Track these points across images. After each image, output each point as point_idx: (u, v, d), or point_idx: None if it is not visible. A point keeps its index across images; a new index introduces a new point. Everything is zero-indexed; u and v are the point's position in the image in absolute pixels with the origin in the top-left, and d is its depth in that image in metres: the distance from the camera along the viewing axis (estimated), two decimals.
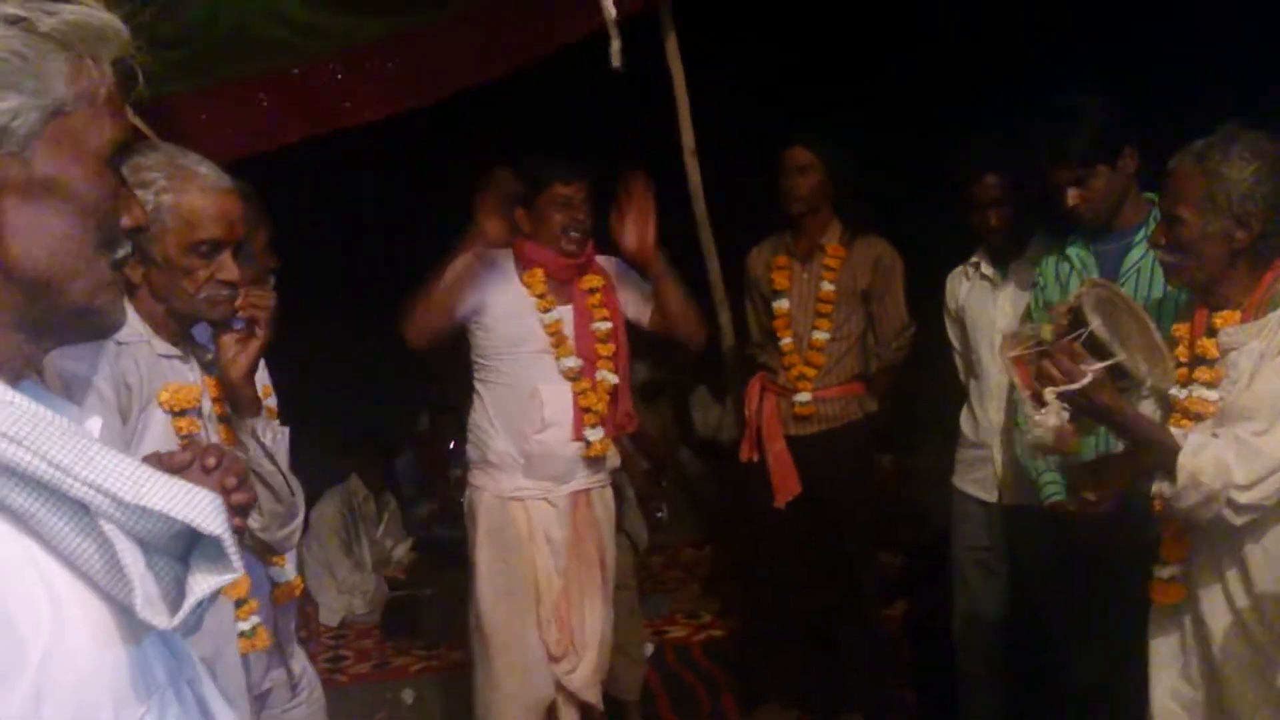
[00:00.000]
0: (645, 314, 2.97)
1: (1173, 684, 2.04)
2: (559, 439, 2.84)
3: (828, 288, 3.25)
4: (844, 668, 3.42)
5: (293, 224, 2.49)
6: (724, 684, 3.82)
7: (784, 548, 3.38)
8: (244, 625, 1.85)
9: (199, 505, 0.76)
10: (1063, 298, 2.62)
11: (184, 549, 0.79)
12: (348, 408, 5.05)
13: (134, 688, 0.80)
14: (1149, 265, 2.46)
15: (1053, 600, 2.83)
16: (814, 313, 3.27)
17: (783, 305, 3.31)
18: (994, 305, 2.94)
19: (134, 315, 1.75)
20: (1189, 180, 1.95)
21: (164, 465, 1.07)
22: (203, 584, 0.78)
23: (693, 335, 2.95)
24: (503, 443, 2.86)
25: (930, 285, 3.25)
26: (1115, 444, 2.30)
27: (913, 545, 4.27)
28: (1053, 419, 1.86)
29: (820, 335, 3.26)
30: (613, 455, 2.95)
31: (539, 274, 2.86)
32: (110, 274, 0.86)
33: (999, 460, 2.92)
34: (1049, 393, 1.87)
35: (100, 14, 0.83)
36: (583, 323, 2.88)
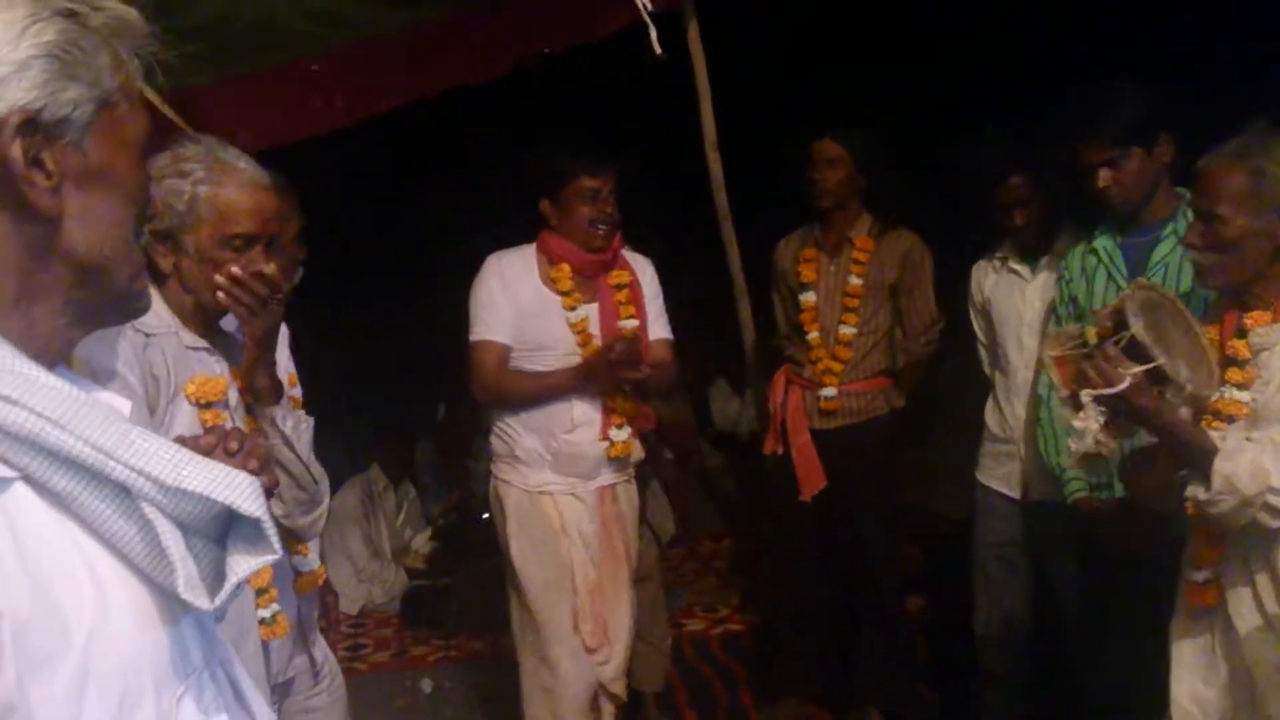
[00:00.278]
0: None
1: (1195, 687, 2.02)
2: (588, 438, 2.81)
3: (855, 282, 3.22)
4: (862, 662, 3.41)
5: (317, 214, 2.50)
6: (741, 678, 3.82)
7: (804, 541, 3.37)
8: (264, 613, 1.86)
9: (239, 487, 0.77)
10: (1088, 291, 2.61)
11: (220, 531, 0.80)
12: (370, 398, 5.07)
13: (173, 668, 0.81)
14: (1177, 260, 2.43)
15: (1075, 598, 2.81)
16: (841, 307, 3.25)
17: (810, 299, 3.28)
18: (1022, 300, 2.91)
19: (163, 307, 1.76)
20: (1229, 178, 1.91)
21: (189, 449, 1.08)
22: (242, 565, 0.79)
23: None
24: (530, 440, 2.83)
25: (950, 277, 3.24)
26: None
27: (931, 539, 4.25)
28: (1091, 423, 1.83)
29: (847, 330, 3.24)
30: (637, 449, 2.92)
31: (565, 269, 2.82)
32: (143, 260, 0.90)
33: (1024, 456, 2.90)
34: (1085, 395, 1.85)
35: (128, 9, 0.85)
36: (609, 321, 2.83)
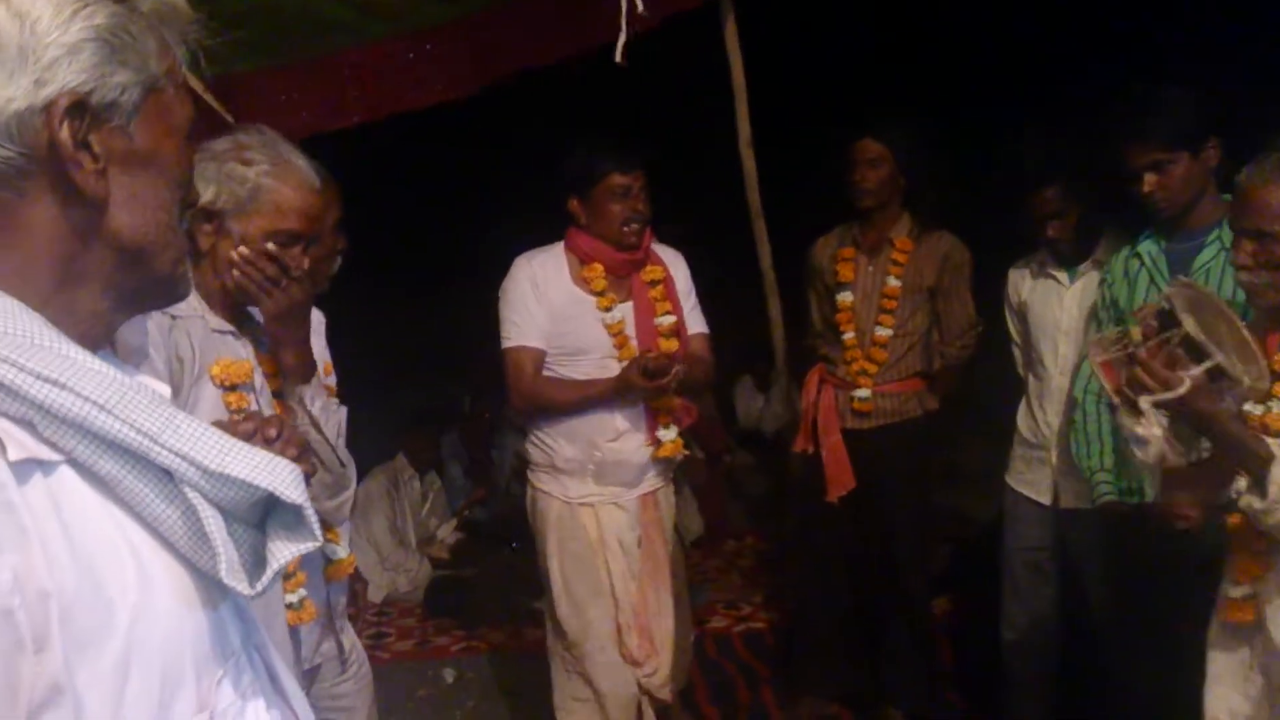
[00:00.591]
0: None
1: (1230, 700, 2.00)
2: (632, 446, 2.74)
3: (893, 283, 3.18)
4: (886, 663, 3.39)
5: (352, 203, 2.51)
6: (764, 676, 3.81)
7: (831, 541, 3.35)
8: (291, 598, 1.87)
9: (281, 474, 0.78)
10: (1130, 296, 2.57)
11: (259, 517, 0.80)
12: (398, 388, 5.09)
13: (213, 652, 0.82)
14: (1219, 266, 2.40)
15: (1108, 607, 2.78)
16: (878, 308, 3.21)
17: (847, 298, 3.25)
18: (1059, 306, 2.88)
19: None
20: (1278, 194, 1.86)
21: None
22: (283, 551, 0.80)
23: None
24: (572, 450, 2.74)
25: (986, 276, 3.21)
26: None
27: (957, 540, 4.22)
28: (1155, 429, 1.77)
29: (883, 332, 3.20)
30: (680, 452, 2.82)
31: (598, 269, 2.74)
32: (186, 244, 0.90)
33: (1055, 463, 2.88)
34: (1145, 401, 1.78)
35: None
36: (645, 320, 2.76)
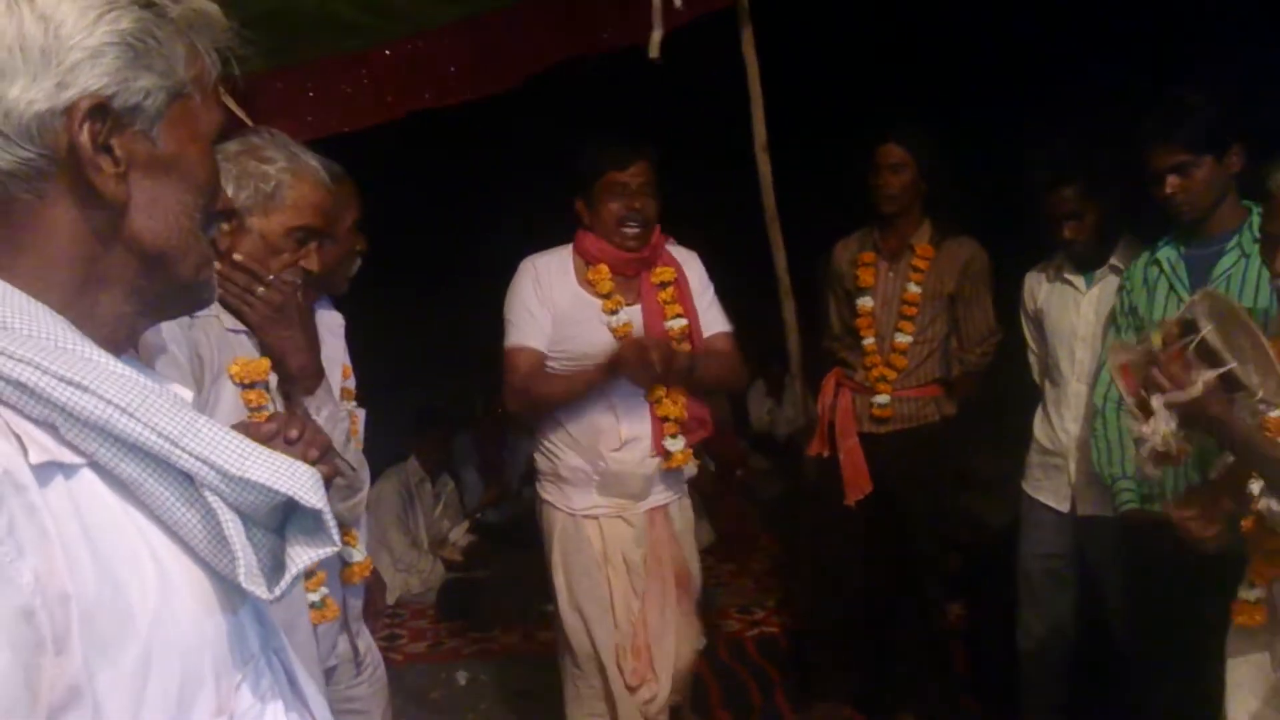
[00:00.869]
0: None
1: (1252, 706, 1.98)
2: (637, 456, 2.62)
3: (913, 289, 3.17)
4: (899, 668, 3.38)
5: (364, 203, 2.51)
6: (776, 680, 3.80)
7: (846, 545, 3.34)
8: (314, 596, 1.89)
9: (300, 479, 0.78)
10: (1149, 303, 2.55)
11: (278, 521, 0.80)
12: (410, 390, 5.09)
13: (232, 656, 0.82)
14: (1239, 273, 2.39)
15: (1126, 614, 2.76)
16: (898, 314, 3.20)
17: (867, 304, 3.23)
18: (1076, 312, 2.86)
19: None
20: None
21: (249, 437, 1.09)
22: (302, 556, 0.80)
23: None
24: (575, 459, 2.64)
25: (1003, 282, 3.19)
26: (1193, 473, 2.24)
27: (972, 546, 4.20)
28: (1163, 426, 1.80)
29: (903, 338, 3.18)
30: (690, 464, 2.70)
31: (604, 270, 2.62)
32: (210, 251, 0.89)
33: (1073, 470, 2.86)
34: (1156, 400, 1.81)
35: (209, 3, 0.86)
36: (654, 323, 2.63)
